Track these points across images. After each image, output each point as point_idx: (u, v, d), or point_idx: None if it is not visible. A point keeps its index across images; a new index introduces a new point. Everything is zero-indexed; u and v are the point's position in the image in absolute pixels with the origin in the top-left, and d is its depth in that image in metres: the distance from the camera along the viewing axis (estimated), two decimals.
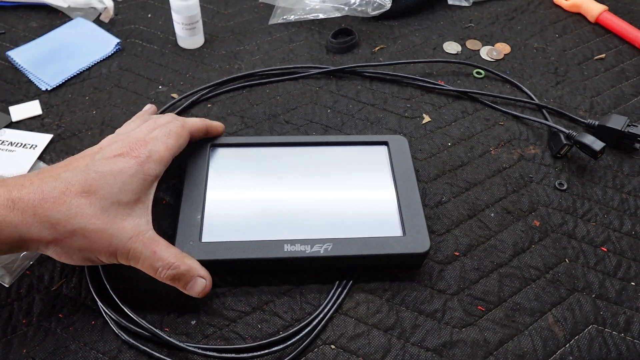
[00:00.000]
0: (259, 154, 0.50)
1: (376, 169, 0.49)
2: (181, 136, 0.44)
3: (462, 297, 0.43)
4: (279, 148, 0.50)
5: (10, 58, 0.63)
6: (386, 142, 0.51)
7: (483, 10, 0.74)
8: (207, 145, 0.49)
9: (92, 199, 0.37)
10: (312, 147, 0.51)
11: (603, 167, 0.54)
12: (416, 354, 0.40)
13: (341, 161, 0.50)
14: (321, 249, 0.42)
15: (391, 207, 0.46)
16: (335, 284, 0.43)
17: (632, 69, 0.66)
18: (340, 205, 0.46)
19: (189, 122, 0.46)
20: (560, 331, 0.42)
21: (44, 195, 0.36)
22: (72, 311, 0.41)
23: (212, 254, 0.41)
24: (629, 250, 0.47)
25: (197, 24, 0.64)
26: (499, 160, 0.54)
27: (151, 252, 0.38)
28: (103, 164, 0.38)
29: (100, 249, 0.37)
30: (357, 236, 0.43)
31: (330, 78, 0.63)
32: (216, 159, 0.49)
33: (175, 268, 0.39)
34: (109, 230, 0.37)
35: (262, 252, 0.42)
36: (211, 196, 0.46)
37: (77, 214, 0.36)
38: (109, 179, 0.38)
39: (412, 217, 0.44)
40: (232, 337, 0.41)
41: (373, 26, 0.70)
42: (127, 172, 0.38)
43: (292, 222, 0.44)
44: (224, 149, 0.50)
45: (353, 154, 0.50)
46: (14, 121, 0.56)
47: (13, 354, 0.39)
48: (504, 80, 0.63)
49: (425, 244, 0.43)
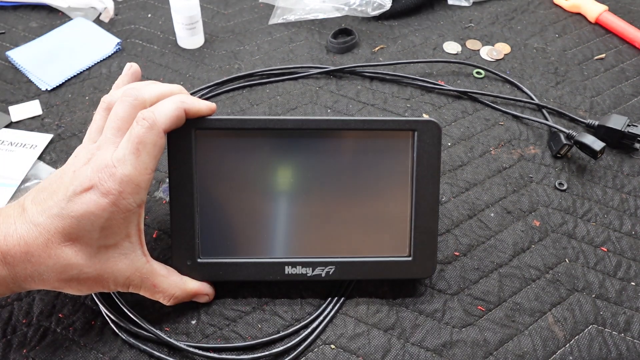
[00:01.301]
0: (256, 149, 0.41)
1: (395, 170, 0.41)
2: (154, 145, 0.35)
3: (462, 297, 0.43)
4: (280, 140, 0.41)
5: (10, 58, 0.63)
6: (413, 129, 0.40)
7: (483, 10, 0.74)
8: (191, 131, 0.39)
9: (76, 248, 0.34)
10: (320, 139, 0.41)
11: (603, 167, 0.54)
12: (416, 354, 0.40)
13: (354, 160, 0.41)
14: (323, 272, 0.41)
15: (402, 223, 0.41)
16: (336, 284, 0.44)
17: (632, 69, 0.66)
18: (346, 220, 0.41)
19: (158, 116, 0.35)
20: (560, 331, 0.42)
21: (29, 248, 0.33)
22: (72, 311, 0.41)
23: (210, 275, 0.41)
24: (629, 250, 0.47)
25: (197, 24, 0.64)
26: (499, 160, 0.54)
27: (151, 286, 0.38)
28: (76, 205, 0.33)
29: (102, 288, 0.37)
30: (361, 258, 0.41)
31: (330, 78, 0.63)
32: (204, 154, 0.40)
33: (176, 298, 0.39)
34: (104, 275, 0.36)
35: (262, 275, 0.41)
36: (204, 205, 0.40)
37: (68, 266, 0.34)
38: (87, 225, 0.34)
39: (424, 238, 0.40)
40: (232, 336, 0.41)
41: (373, 26, 0.70)
42: (102, 215, 0.33)
43: (294, 239, 0.41)
44: (213, 139, 0.40)
45: (369, 148, 0.41)
46: (14, 121, 0.56)
47: (13, 354, 0.39)
48: (504, 80, 0.63)
49: (430, 269, 0.41)
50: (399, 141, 0.40)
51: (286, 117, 0.41)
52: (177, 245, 0.40)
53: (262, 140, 0.41)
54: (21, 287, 0.35)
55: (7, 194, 0.49)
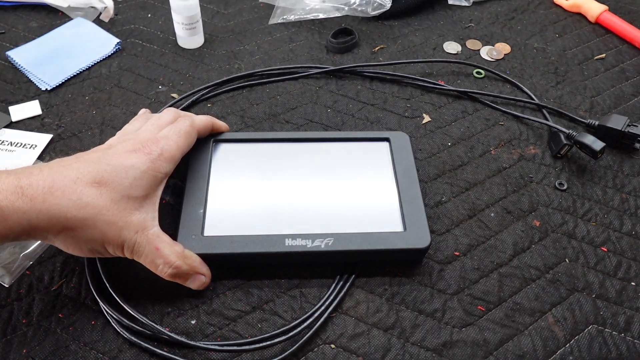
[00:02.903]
0: (261, 150, 0.50)
1: (378, 164, 0.49)
2: (190, 135, 0.44)
3: (462, 297, 0.43)
4: (281, 144, 0.51)
5: (10, 58, 0.63)
6: (388, 139, 0.51)
7: (483, 10, 0.74)
8: (209, 140, 0.50)
9: (102, 190, 0.37)
10: (314, 143, 0.51)
11: (603, 167, 0.54)
12: (416, 354, 0.40)
13: (343, 157, 0.50)
14: (322, 244, 0.42)
15: (392, 202, 0.46)
16: (336, 279, 0.44)
17: (632, 69, 0.66)
18: (341, 201, 0.46)
19: (196, 120, 0.46)
20: (560, 331, 0.42)
21: (54, 183, 0.36)
22: (72, 311, 0.41)
23: (214, 247, 0.42)
24: (629, 250, 0.47)
25: (197, 24, 0.64)
26: (499, 160, 0.54)
27: (154, 249, 0.39)
28: (115, 158, 0.39)
29: (110, 241, 0.38)
30: (358, 231, 0.43)
31: (330, 78, 0.63)
32: (219, 154, 0.49)
33: (176, 267, 0.39)
34: (118, 222, 0.37)
35: (264, 247, 0.42)
36: (214, 190, 0.46)
37: (88, 204, 0.36)
38: (121, 173, 0.38)
39: (413, 213, 0.45)
40: (232, 336, 0.41)
41: (373, 26, 0.70)
42: (139, 167, 0.39)
43: (294, 217, 0.45)
44: (226, 144, 0.50)
45: (355, 149, 0.50)
46: (14, 121, 0.56)
47: (13, 354, 0.39)
48: (504, 80, 0.63)
49: (425, 239, 0.43)
50: (381, 144, 0.51)
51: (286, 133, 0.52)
52: (185, 222, 0.43)
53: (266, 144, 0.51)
54: (32, 227, 0.35)
55: None
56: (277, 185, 0.47)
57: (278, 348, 0.40)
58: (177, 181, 0.50)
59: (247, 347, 0.39)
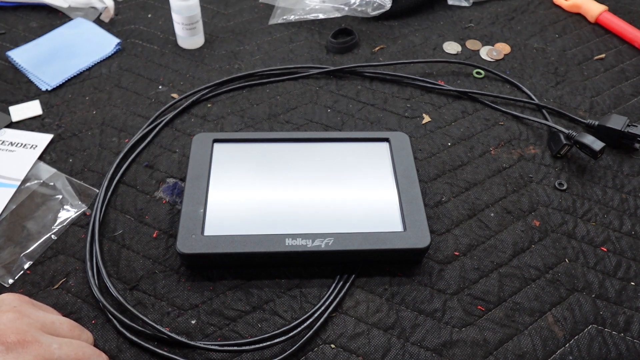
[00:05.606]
0: (261, 150, 0.50)
1: (378, 164, 0.49)
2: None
3: (462, 296, 0.43)
4: (281, 144, 0.51)
5: (10, 58, 0.63)
6: (387, 139, 0.51)
7: (483, 10, 0.74)
8: (209, 141, 0.50)
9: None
10: (314, 143, 0.51)
11: (603, 167, 0.54)
12: (416, 354, 0.40)
13: (343, 157, 0.50)
14: (322, 244, 0.42)
15: (392, 202, 0.46)
16: (336, 278, 0.44)
17: (632, 69, 0.66)
18: (341, 201, 0.46)
19: None
20: (560, 331, 0.42)
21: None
22: (73, 310, 0.41)
23: (214, 247, 0.42)
24: (629, 250, 0.47)
25: (197, 24, 0.64)
26: (499, 160, 0.54)
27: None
28: None
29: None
30: (358, 231, 0.43)
31: (330, 78, 0.63)
32: (219, 154, 0.49)
33: None
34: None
35: (264, 246, 0.42)
36: (214, 190, 0.46)
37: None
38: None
39: (413, 213, 0.45)
40: (232, 336, 0.41)
41: (373, 26, 0.70)
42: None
43: (294, 217, 0.45)
44: (226, 144, 0.50)
45: (355, 150, 0.51)
46: (14, 121, 0.56)
47: None
48: (504, 80, 0.63)
49: (425, 239, 0.43)
50: (381, 144, 0.51)
51: (286, 134, 0.52)
52: (185, 222, 0.43)
53: (267, 144, 0.51)
54: None
55: (8, 194, 0.49)
56: (277, 185, 0.47)
57: (278, 348, 0.40)
58: (177, 181, 0.50)
59: (247, 347, 0.39)
